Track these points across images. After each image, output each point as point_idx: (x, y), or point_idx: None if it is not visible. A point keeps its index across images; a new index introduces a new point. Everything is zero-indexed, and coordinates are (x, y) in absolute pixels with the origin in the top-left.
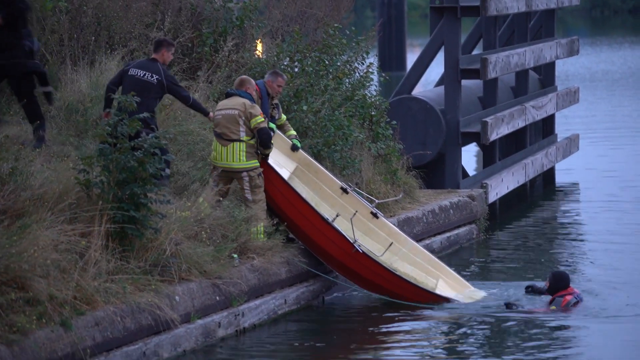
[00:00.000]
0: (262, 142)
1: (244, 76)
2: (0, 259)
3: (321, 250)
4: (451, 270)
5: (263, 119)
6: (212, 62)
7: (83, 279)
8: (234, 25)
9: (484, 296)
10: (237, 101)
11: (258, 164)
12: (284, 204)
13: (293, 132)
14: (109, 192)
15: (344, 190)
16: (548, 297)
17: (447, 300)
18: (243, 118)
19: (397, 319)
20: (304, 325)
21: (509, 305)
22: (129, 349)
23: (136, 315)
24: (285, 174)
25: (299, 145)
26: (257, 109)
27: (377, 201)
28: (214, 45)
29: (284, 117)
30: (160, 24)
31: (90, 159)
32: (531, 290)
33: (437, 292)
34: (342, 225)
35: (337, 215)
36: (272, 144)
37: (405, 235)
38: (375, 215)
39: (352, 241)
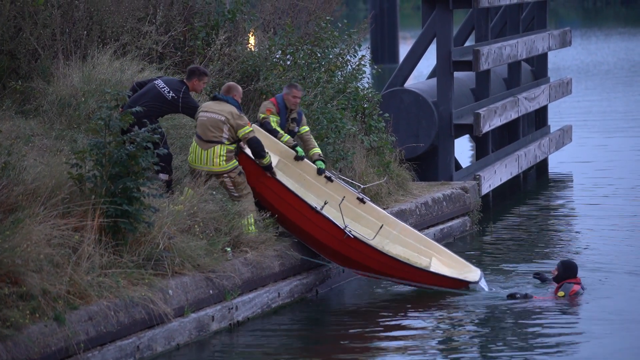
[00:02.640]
0: (254, 153)
1: (232, 82)
2: None
3: (313, 240)
4: (444, 248)
5: (251, 129)
6: (205, 55)
7: (76, 273)
8: (225, 18)
9: (480, 274)
10: (224, 107)
11: (237, 163)
12: (272, 197)
13: (317, 150)
14: (102, 186)
15: (328, 179)
16: (553, 287)
17: (443, 279)
18: (228, 125)
19: (392, 309)
20: (298, 318)
21: (511, 296)
22: (122, 343)
23: (130, 310)
24: None
25: (323, 167)
26: (244, 119)
27: (362, 186)
28: (206, 39)
29: (305, 128)
30: (153, 18)
31: (83, 153)
32: (538, 277)
33: (432, 269)
34: (330, 213)
35: (325, 203)
36: (267, 152)
37: (394, 218)
38: (362, 200)
39: (342, 227)
